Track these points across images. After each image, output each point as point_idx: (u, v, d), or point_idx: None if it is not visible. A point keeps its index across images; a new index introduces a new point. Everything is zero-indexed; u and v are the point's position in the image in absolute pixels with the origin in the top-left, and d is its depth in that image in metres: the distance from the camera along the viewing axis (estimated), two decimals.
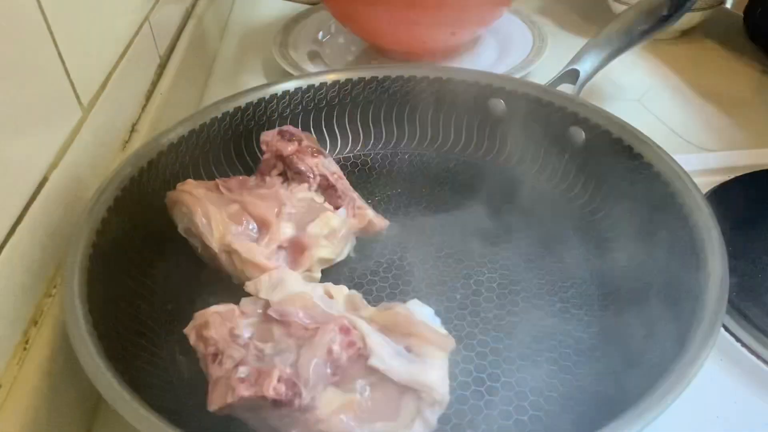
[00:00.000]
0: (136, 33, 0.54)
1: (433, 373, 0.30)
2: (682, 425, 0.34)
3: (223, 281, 0.41)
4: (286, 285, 0.34)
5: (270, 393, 0.27)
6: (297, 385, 0.28)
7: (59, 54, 0.39)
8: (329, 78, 0.51)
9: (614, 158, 0.44)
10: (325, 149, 0.52)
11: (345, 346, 0.30)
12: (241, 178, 0.44)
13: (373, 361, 0.30)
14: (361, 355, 0.30)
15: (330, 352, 0.29)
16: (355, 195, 0.44)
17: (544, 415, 0.34)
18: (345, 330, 0.30)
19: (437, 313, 0.34)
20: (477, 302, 0.40)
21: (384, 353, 0.30)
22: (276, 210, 0.41)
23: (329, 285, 0.35)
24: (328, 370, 0.29)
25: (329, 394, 0.30)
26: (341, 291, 0.35)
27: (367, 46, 0.73)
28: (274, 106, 0.50)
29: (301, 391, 0.28)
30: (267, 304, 0.33)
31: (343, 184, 0.44)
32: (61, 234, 0.38)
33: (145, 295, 0.39)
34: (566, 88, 0.50)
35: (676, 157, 0.40)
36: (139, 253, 0.40)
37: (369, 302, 0.35)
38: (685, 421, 0.35)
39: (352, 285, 0.41)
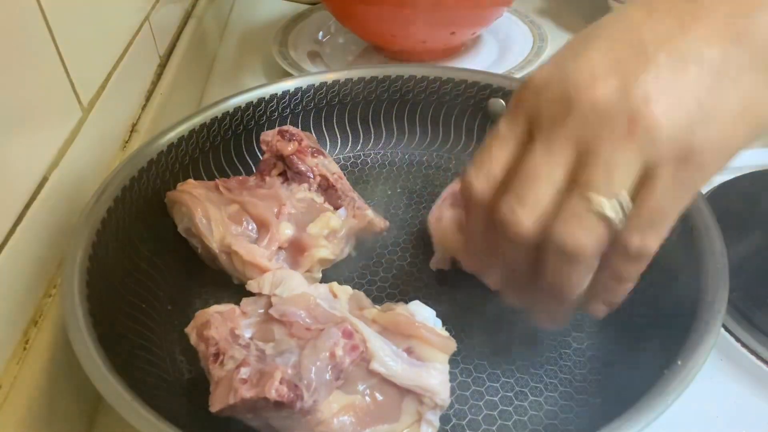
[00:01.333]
0: (136, 33, 0.54)
1: (435, 377, 0.30)
2: (682, 425, 0.34)
3: (224, 281, 0.41)
4: (290, 284, 0.34)
5: (272, 394, 0.27)
6: (299, 387, 0.28)
7: (59, 54, 0.39)
8: (329, 78, 0.51)
9: None
10: (325, 149, 0.52)
11: (348, 350, 0.30)
12: (241, 178, 0.44)
13: (375, 365, 0.30)
14: (363, 359, 0.30)
15: (333, 356, 0.29)
16: (355, 195, 0.44)
17: (544, 416, 0.34)
18: (348, 334, 0.30)
19: (438, 314, 0.34)
20: (477, 302, 0.40)
21: (385, 357, 0.30)
22: (276, 210, 0.41)
23: (334, 284, 0.35)
24: (332, 375, 0.29)
25: (331, 396, 0.30)
26: (346, 291, 0.35)
27: (367, 46, 0.73)
28: (274, 106, 0.50)
29: (302, 394, 0.28)
30: (268, 304, 0.33)
31: (343, 184, 0.44)
32: (61, 234, 0.38)
33: (145, 296, 0.39)
34: None
35: None
36: (139, 253, 0.40)
37: None
38: (685, 421, 0.35)
39: (353, 285, 0.41)
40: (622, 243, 0.26)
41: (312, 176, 0.43)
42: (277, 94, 0.50)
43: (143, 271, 0.40)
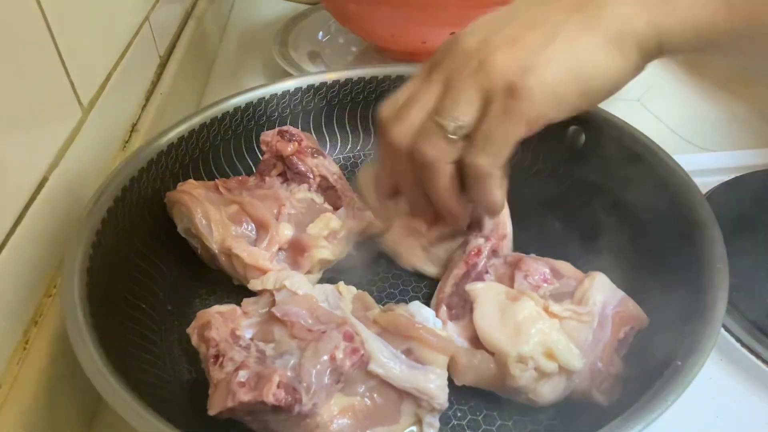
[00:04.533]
0: (136, 33, 0.54)
1: (433, 381, 0.30)
2: (682, 425, 0.34)
3: (224, 281, 0.41)
4: (295, 281, 0.34)
5: (269, 399, 0.27)
6: (297, 391, 0.28)
7: (59, 54, 0.39)
8: (329, 78, 0.51)
9: (614, 158, 0.43)
10: (325, 149, 0.52)
11: (349, 353, 0.30)
12: (240, 178, 0.44)
13: (373, 367, 0.30)
14: (363, 361, 0.30)
15: (333, 359, 0.29)
16: (355, 195, 0.44)
17: (544, 416, 0.34)
18: (349, 336, 0.30)
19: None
20: None
21: (383, 358, 0.30)
22: (275, 211, 0.41)
23: (341, 284, 0.35)
24: (332, 378, 0.29)
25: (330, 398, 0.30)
26: (350, 291, 0.35)
27: (367, 46, 0.73)
28: (274, 106, 0.50)
29: (301, 397, 0.28)
30: (270, 303, 0.33)
31: (342, 184, 0.44)
32: (61, 234, 0.38)
33: (145, 295, 0.39)
34: None
35: (676, 157, 0.40)
36: (138, 253, 0.40)
37: None
38: (685, 421, 0.35)
39: (353, 285, 0.41)
40: (464, 161, 0.33)
41: (312, 176, 0.43)
42: (277, 94, 0.50)
43: (143, 271, 0.40)
